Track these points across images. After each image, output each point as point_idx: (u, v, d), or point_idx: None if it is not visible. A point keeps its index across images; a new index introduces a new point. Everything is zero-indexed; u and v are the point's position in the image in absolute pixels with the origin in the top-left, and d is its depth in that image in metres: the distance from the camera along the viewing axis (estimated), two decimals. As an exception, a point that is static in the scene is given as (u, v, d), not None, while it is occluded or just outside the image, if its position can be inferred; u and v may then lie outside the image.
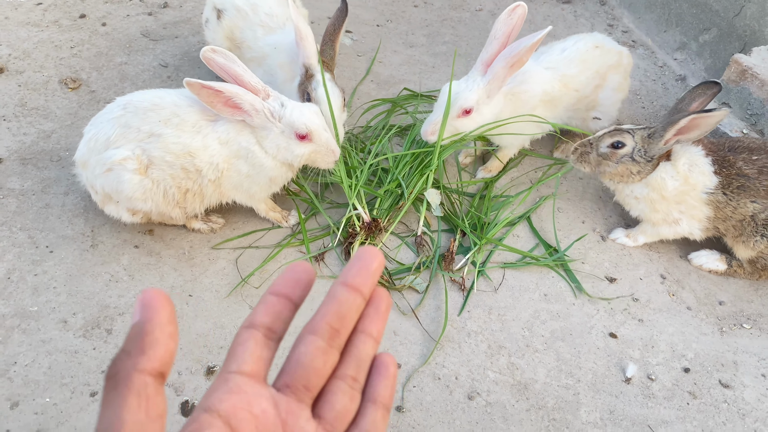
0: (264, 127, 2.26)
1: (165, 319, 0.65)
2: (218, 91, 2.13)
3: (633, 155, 2.45)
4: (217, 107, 2.18)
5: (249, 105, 2.19)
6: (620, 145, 2.45)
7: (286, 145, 2.28)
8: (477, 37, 3.82)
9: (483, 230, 2.65)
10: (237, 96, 2.16)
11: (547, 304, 2.49)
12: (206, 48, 2.20)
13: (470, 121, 2.59)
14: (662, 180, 2.47)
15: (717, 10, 3.46)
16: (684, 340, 2.42)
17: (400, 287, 2.45)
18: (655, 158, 2.46)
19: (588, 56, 2.80)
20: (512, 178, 2.98)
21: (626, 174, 2.50)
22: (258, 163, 2.31)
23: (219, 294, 2.38)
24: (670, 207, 2.52)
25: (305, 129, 2.26)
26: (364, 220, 2.54)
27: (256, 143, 2.29)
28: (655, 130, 2.41)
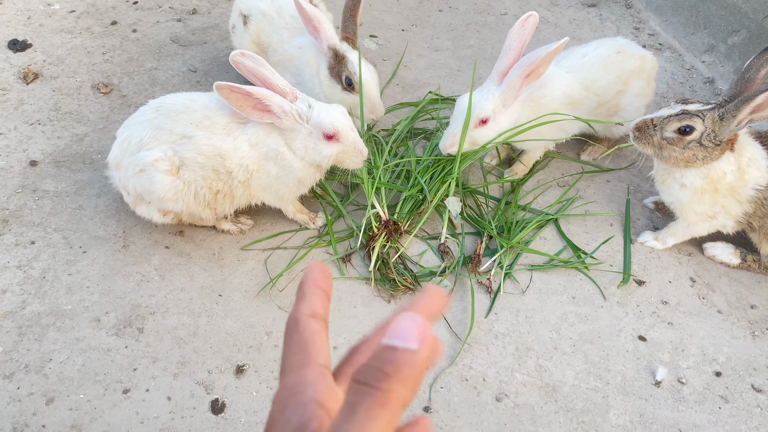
0: (292, 129, 2.29)
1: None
2: (247, 94, 2.17)
3: (701, 140, 2.27)
4: (246, 110, 2.21)
5: (278, 107, 2.22)
6: (689, 129, 2.27)
7: (314, 146, 2.31)
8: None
9: (510, 233, 2.64)
10: (266, 98, 2.19)
11: (575, 306, 2.48)
12: (235, 52, 2.24)
13: (487, 131, 2.59)
14: (723, 173, 2.34)
15: (746, 11, 3.42)
16: (715, 344, 2.39)
17: (422, 290, 2.44)
18: (723, 143, 2.29)
19: (609, 61, 2.78)
20: (538, 180, 2.97)
21: (692, 160, 2.32)
22: (287, 164, 2.34)
23: (248, 294, 2.41)
24: (716, 200, 2.40)
25: (332, 129, 2.29)
26: (382, 219, 2.55)
27: (285, 145, 2.32)
28: (727, 110, 2.22)
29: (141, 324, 2.29)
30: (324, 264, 0.81)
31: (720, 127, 2.26)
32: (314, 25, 2.63)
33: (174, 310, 2.34)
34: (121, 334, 2.25)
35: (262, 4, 2.91)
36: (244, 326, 2.31)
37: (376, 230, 2.54)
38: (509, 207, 2.79)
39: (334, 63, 2.66)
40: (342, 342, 2.28)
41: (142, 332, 2.26)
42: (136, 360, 2.18)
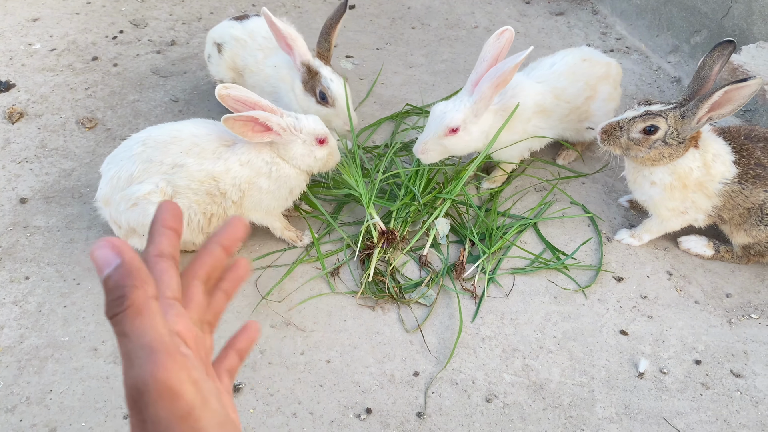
0: (289, 141, 2.43)
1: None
2: (252, 119, 2.29)
3: (666, 138, 2.38)
4: (248, 134, 2.33)
5: (277, 125, 2.36)
6: (653, 129, 2.38)
7: (309, 152, 2.47)
8: (474, 54, 3.93)
9: (491, 239, 2.73)
10: (267, 119, 2.32)
11: (557, 306, 2.56)
12: (219, 86, 2.33)
13: (458, 140, 2.68)
14: (689, 169, 2.45)
15: (706, 12, 3.56)
16: (694, 334, 2.48)
17: (408, 301, 2.53)
18: (686, 139, 2.40)
19: (576, 69, 2.90)
20: (516, 187, 3.07)
21: (658, 158, 2.43)
22: (282, 174, 2.47)
23: (240, 315, 2.48)
24: (686, 196, 2.51)
25: (324, 132, 2.48)
26: (381, 230, 2.64)
27: (278, 157, 2.46)
28: (687, 109, 2.34)
29: (137, 350, 2.34)
30: (174, 203, 0.90)
31: (682, 125, 2.37)
32: (288, 42, 2.74)
33: (169, 335, 2.40)
34: (119, 361, 2.31)
35: (234, 31, 3.02)
36: (238, 346, 2.37)
37: (375, 240, 2.62)
38: (489, 214, 2.88)
39: (307, 78, 2.78)
40: (335, 355, 2.35)
41: (139, 358, 2.32)
42: (134, 386, 2.24)
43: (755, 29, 3.29)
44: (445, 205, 2.76)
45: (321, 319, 2.47)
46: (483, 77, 2.60)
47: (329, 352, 2.36)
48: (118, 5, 4.21)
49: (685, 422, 2.20)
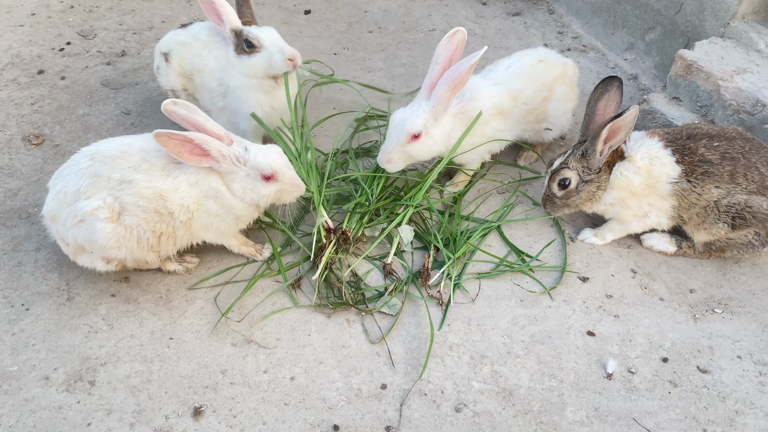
0: (230, 172, 2.32)
1: None
2: (187, 140, 2.18)
3: (583, 179, 2.57)
4: (184, 156, 2.22)
5: (216, 151, 2.25)
6: (567, 182, 2.59)
7: (252, 187, 2.34)
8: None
9: (455, 244, 2.69)
10: (205, 143, 2.21)
11: (524, 309, 2.54)
12: (167, 101, 2.24)
13: (421, 145, 2.64)
14: (626, 178, 2.55)
15: (658, 9, 3.59)
16: (660, 331, 2.48)
17: (371, 310, 2.47)
18: (602, 168, 2.56)
19: (533, 70, 2.89)
20: (479, 190, 3.04)
21: (592, 196, 2.62)
22: (226, 203, 2.36)
23: (200, 334, 2.39)
24: (640, 201, 2.59)
25: (270, 170, 2.33)
26: (328, 227, 2.58)
27: (223, 185, 2.34)
28: (586, 148, 2.54)
29: (92, 377, 2.24)
30: None
31: (587, 162, 2.56)
32: (217, 10, 2.74)
33: (125, 359, 2.30)
34: (72, 389, 2.20)
35: (178, 37, 2.98)
36: (198, 367, 2.28)
37: (324, 239, 2.56)
38: (453, 218, 2.84)
39: (236, 41, 2.78)
40: (299, 372, 2.28)
41: (93, 385, 2.22)
42: (89, 414, 2.14)
43: (707, 25, 3.33)
44: (408, 212, 2.72)
45: (284, 335, 2.40)
46: (439, 80, 2.56)
47: (293, 368, 2.29)
48: (65, 16, 4.07)
49: (654, 422, 2.19)
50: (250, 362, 2.30)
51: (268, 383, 2.24)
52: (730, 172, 2.48)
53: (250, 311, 2.47)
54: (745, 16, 3.25)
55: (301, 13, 4.26)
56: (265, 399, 2.20)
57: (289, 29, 4.10)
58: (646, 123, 3.25)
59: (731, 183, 2.49)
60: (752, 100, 2.88)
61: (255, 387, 2.23)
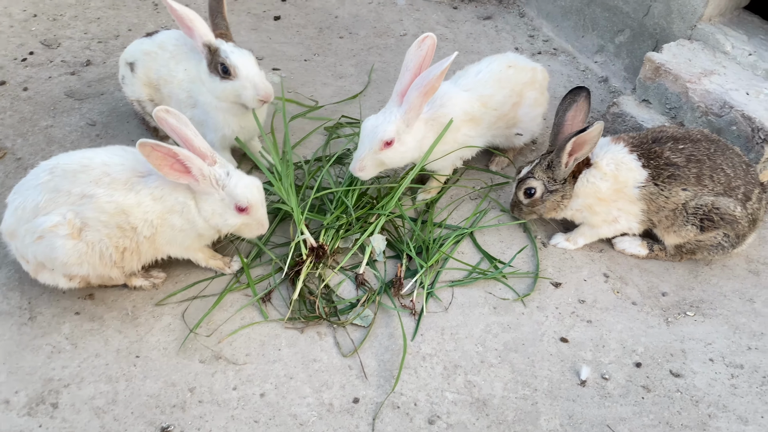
0: (205, 192, 2.27)
1: None
2: (172, 154, 2.13)
3: (548, 189, 2.59)
4: (164, 170, 2.16)
5: (198, 170, 2.20)
6: (532, 191, 2.61)
7: (222, 212, 2.31)
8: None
9: (428, 252, 2.67)
10: (188, 160, 2.16)
11: (497, 317, 2.52)
12: (159, 108, 2.18)
13: (394, 152, 2.62)
14: (593, 185, 2.56)
15: (627, 12, 3.60)
16: (633, 336, 2.47)
17: (343, 323, 2.43)
18: (567, 178, 2.57)
19: (502, 76, 2.88)
20: (451, 196, 3.02)
21: (557, 205, 2.63)
22: (191, 218, 2.31)
23: (167, 351, 2.33)
24: (609, 207, 2.59)
25: (246, 203, 2.30)
26: (311, 245, 2.54)
27: (192, 199, 2.29)
28: (552, 159, 2.55)
29: (55, 399, 2.18)
30: None
31: (553, 173, 2.57)
32: (187, 24, 2.65)
33: (90, 379, 2.24)
34: (34, 412, 2.14)
35: (144, 46, 2.91)
36: (166, 385, 2.23)
37: (305, 256, 2.52)
38: (426, 226, 2.82)
39: (210, 57, 2.69)
40: (269, 388, 2.23)
41: (56, 408, 2.15)
42: (52, 438, 2.07)
43: (675, 27, 3.34)
44: (380, 221, 2.68)
45: (254, 350, 2.35)
46: (410, 86, 2.53)
47: (264, 384, 2.25)
48: (28, 25, 3.97)
49: (628, 428, 2.18)
50: (218, 379, 2.25)
51: (237, 400, 2.20)
52: (696, 174, 2.49)
53: (219, 326, 2.42)
54: (712, 18, 3.28)
55: (270, 19, 4.21)
56: (235, 417, 2.15)
57: (258, 36, 4.05)
58: (617, 126, 3.25)
59: (698, 185, 2.50)
60: (720, 102, 2.90)
61: (224, 405, 2.18)
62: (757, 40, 3.20)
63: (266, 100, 2.71)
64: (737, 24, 3.30)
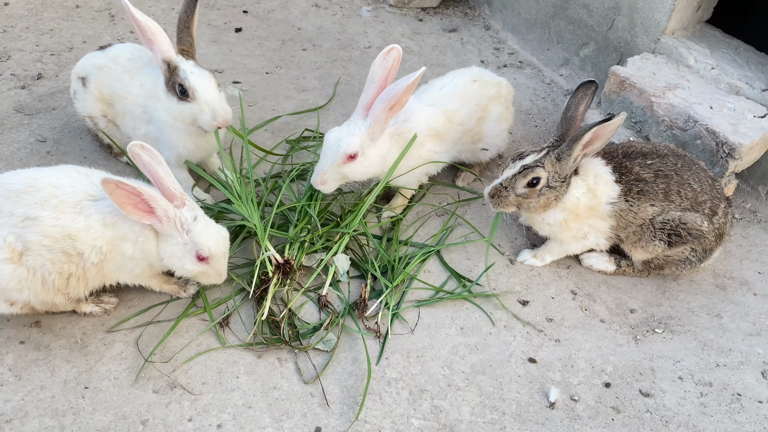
0: (167, 233, 2.17)
1: None
2: (136, 193, 2.03)
3: (549, 184, 2.41)
4: (127, 209, 2.06)
5: (162, 211, 2.10)
6: (536, 181, 2.40)
7: (180, 256, 2.21)
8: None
9: (393, 272, 2.59)
10: (153, 200, 2.06)
11: (464, 337, 2.45)
12: (134, 143, 2.08)
13: (357, 166, 2.55)
14: (576, 199, 2.47)
15: (591, 25, 3.59)
16: (601, 355, 2.43)
17: (305, 347, 2.34)
18: (568, 177, 2.44)
19: (467, 90, 2.83)
20: (417, 213, 2.95)
21: (547, 203, 2.46)
22: (146, 249, 2.20)
23: (119, 381, 2.21)
24: (581, 223, 2.53)
25: (208, 253, 2.21)
26: (277, 262, 2.44)
27: (151, 231, 2.18)
28: (561, 151, 2.38)
29: (-5, 436, 2.04)
30: None
31: (560, 167, 2.40)
32: (149, 37, 2.53)
33: (34, 413, 2.10)
34: (-26, 452, 2.00)
35: (97, 60, 2.80)
36: (117, 418, 2.10)
37: (271, 273, 2.42)
38: (391, 244, 2.74)
39: (168, 75, 2.57)
40: (227, 418, 2.13)
41: (-4, 446, 2.02)
42: (-9, 480, 1.94)
43: (639, 41, 3.34)
44: (343, 240, 2.60)
45: (211, 378, 2.24)
46: (375, 100, 2.47)
47: (221, 415, 2.14)
48: (-24, 36, 3.81)
49: (598, 451, 2.13)
50: (173, 410, 2.14)
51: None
52: (664, 189, 2.47)
53: (174, 354, 2.30)
54: (675, 32, 3.28)
55: (231, 31, 4.12)
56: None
57: (219, 48, 3.95)
58: (583, 140, 3.23)
59: (665, 200, 2.47)
60: (684, 116, 2.89)
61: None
62: (720, 53, 3.21)
63: (223, 126, 2.62)
64: (700, 37, 3.31)
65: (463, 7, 4.54)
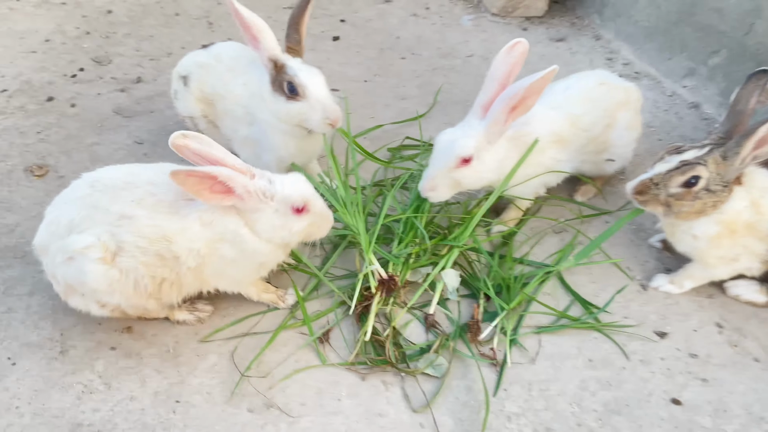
0: (256, 210, 1.98)
1: None
2: (210, 177, 1.85)
3: (709, 186, 2.06)
4: (204, 195, 1.89)
5: (242, 188, 1.92)
6: (695, 181, 2.05)
7: (282, 224, 2.01)
8: (471, 83, 3.59)
9: (509, 292, 2.31)
10: (230, 179, 1.88)
11: (594, 371, 2.14)
12: (176, 135, 1.91)
13: (471, 171, 2.30)
14: (737, 212, 2.12)
15: (724, 30, 3.25)
16: (759, 399, 2.06)
17: (413, 371, 2.09)
18: (730, 183, 2.09)
19: (594, 94, 2.56)
20: (532, 228, 2.67)
21: (703, 209, 2.11)
22: (248, 248, 2.02)
23: (212, 396, 2.02)
24: (735, 242, 2.17)
25: (302, 200, 2.00)
26: (382, 277, 2.22)
27: (245, 226, 2.01)
28: (728, 149, 2.04)
29: (82, 448, 1.88)
30: None
31: (725, 168, 2.06)
32: (254, 34, 2.38)
33: (123, 426, 1.94)
34: (58, 463, 1.85)
35: (199, 57, 2.70)
36: (209, 438, 1.91)
37: (374, 289, 2.21)
38: (504, 261, 2.47)
39: (275, 74, 2.41)
40: (328, 445, 1.90)
41: (83, 459, 1.86)
42: (76, 497, 1.77)
43: (783, 46, 2.98)
44: (452, 254, 2.35)
45: (310, 400, 2.02)
46: (495, 99, 2.23)
47: (321, 441, 1.91)
48: (80, 42, 3.84)
49: None
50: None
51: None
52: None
53: (271, 370, 2.10)
54: (828, 36, 2.90)
55: (329, 40, 4.00)
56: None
57: (316, 56, 3.82)
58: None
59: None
60: None
61: (275, 465, 1.85)
62: None
63: (335, 125, 2.42)
64: None
65: (570, 17, 4.27)
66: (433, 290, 2.30)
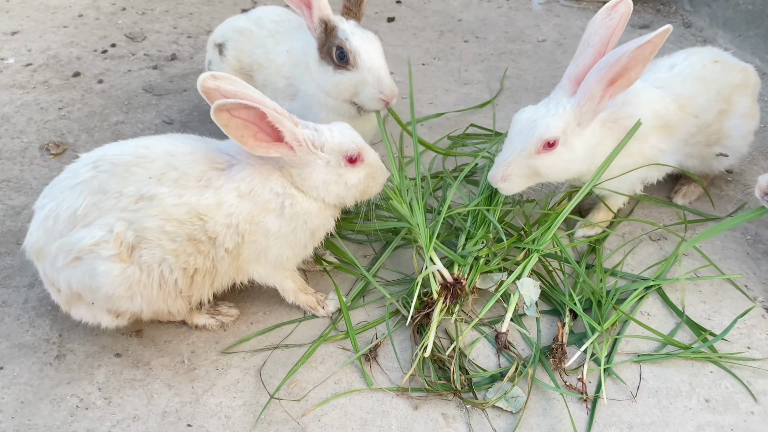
0: (306, 164, 1.66)
1: None
2: (260, 116, 1.52)
3: None
4: (249, 142, 1.55)
5: (290, 134, 1.58)
6: None
7: (336, 178, 1.69)
8: (544, 69, 3.17)
9: (601, 310, 1.86)
10: (279, 122, 1.55)
11: (712, 414, 1.67)
12: (205, 75, 1.57)
13: (555, 159, 1.86)
14: None
15: None
16: None
17: (482, 403, 1.66)
18: None
19: (706, 73, 2.11)
20: (624, 234, 2.22)
21: None
22: (299, 211, 1.69)
23: (231, 422, 1.64)
24: None
25: (356, 148, 1.70)
26: (445, 281, 1.81)
27: (292, 186, 1.68)
28: None
29: (69, 479, 1.52)
30: None
31: None
32: None
33: (121, 453, 1.57)
34: (38, 494, 1.48)
35: (237, 23, 2.37)
36: (224, 476, 1.52)
37: (436, 294, 1.80)
38: (592, 271, 2.02)
39: (324, 38, 2.03)
40: (373, 495, 1.48)
41: (69, 493, 1.49)
42: None
43: None
44: (531, 259, 1.92)
45: (352, 430, 1.61)
46: (590, 70, 1.80)
47: (365, 490, 1.50)
48: (115, 18, 3.56)
49: None
50: (300, 473, 1.53)
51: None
52: None
53: (306, 392, 1.70)
54: None
55: (383, 21, 3.63)
56: None
57: (368, 37, 3.46)
58: None
59: None
60: None
61: None
62: None
63: (389, 101, 2.03)
64: None
65: (654, 2, 3.80)
66: (507, 303, 1.87)
